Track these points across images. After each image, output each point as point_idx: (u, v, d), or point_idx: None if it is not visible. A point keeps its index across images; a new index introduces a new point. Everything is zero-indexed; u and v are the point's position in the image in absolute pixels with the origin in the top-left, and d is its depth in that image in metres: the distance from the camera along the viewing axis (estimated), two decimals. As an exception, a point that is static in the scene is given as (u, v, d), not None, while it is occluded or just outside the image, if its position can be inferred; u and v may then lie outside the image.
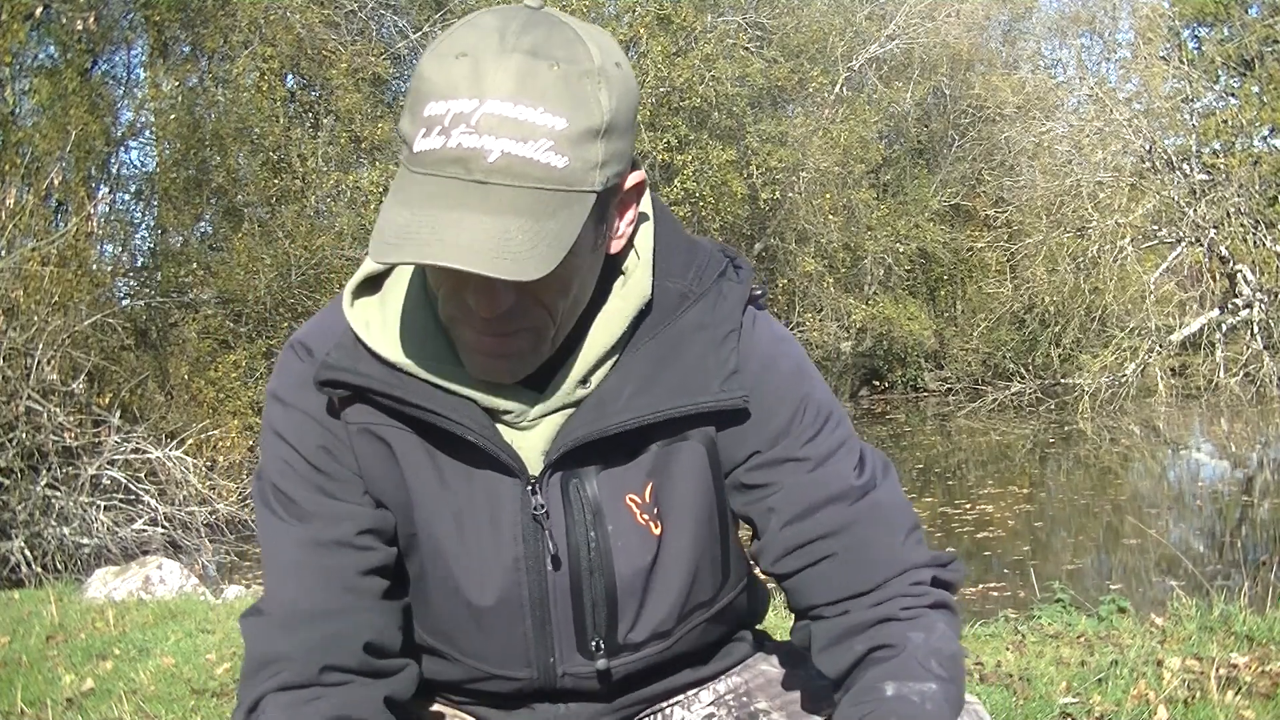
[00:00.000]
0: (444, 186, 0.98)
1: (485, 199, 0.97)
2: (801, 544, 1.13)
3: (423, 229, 0.97)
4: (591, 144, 1.00)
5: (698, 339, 1.14)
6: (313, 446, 1.15)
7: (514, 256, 0.96)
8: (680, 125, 16.86)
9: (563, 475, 1.14)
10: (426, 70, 1.00)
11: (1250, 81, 19.01)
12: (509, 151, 0.96)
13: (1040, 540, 9.01)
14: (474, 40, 0.99)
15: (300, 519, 1.15)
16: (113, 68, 14.85)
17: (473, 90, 0.97)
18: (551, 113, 0.97)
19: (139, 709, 3.42)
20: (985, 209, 20.20)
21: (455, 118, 0.97)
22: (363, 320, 1.13)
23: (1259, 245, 16.40)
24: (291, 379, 1.17)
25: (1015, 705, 2.91)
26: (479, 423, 1.11)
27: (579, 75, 1.00)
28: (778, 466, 1.14)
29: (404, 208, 0.99)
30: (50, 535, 8.64)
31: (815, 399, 1.17)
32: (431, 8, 16.72)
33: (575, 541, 1.14)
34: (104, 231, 13.09)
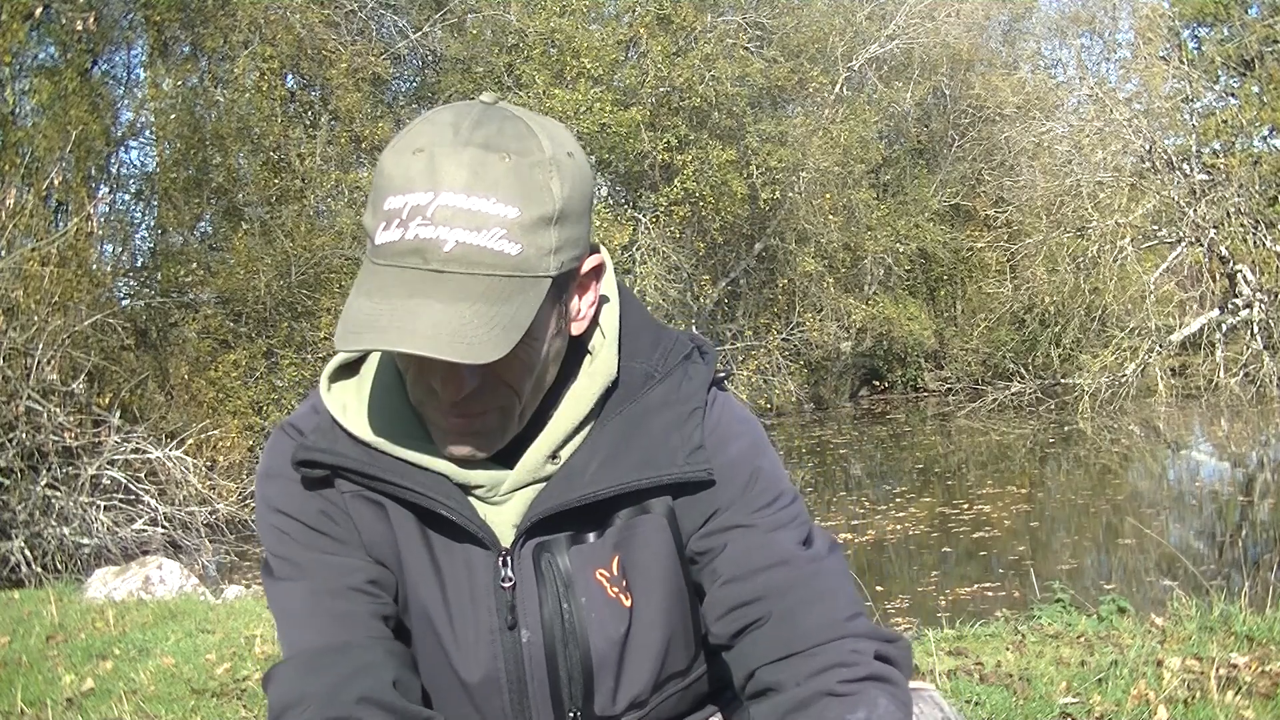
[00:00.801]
0: (403, 276, 1.02)
1: (442, 286, 1.01)
2: (741, 604, 1.13)
3: (383, 317, 1.01)
4: (544, 231, 1.04)
5: (663, 415, 1.17)
6: (311, 512, 1.17)
7: (471, 341, 1.00)
8: (680, 125, 16.86)
9: (535, 547, 1.16)
10: (386, 166, 1.04)
11: (1250, 81, 19.01)
12: (463, 241, 1.01)
13: (1040, 540, 9.01)
14: (430, 136, 1.04)
15: (307, 575, 1.16)
16: (113, 68, 14.86)
17: (428, 184, 1.01)
18: (504, 202, 1.02)
19: (139, 709, 3.42)
20: (985, 209, 20.19)
21: (412, 210, 1.01)
22: (340, 403, 1.18)
23: (1259, 245, 16.40)
24: (281, 457, 1.19)
25: (1015, 705, 2.91)
26: (452, 497, 1.14)
27: (530, 166, 1.04)
28: (725, 532, 1.16)
29: (366, 298, 1.03)
30: (50, 535, 8.64)
31: (767, 474, 1.19)
32: (432, 8, 16.73)
33: (548, 613, 1.16)
34: (104, 231, 13.09)
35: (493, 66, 16.33)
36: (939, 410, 18.89)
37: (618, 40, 17.02)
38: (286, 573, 1.17)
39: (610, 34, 16.96)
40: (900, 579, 7.77)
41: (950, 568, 8.13)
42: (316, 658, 1.12)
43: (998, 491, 10.89)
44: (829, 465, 13.91)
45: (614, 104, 15.98)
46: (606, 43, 16.55)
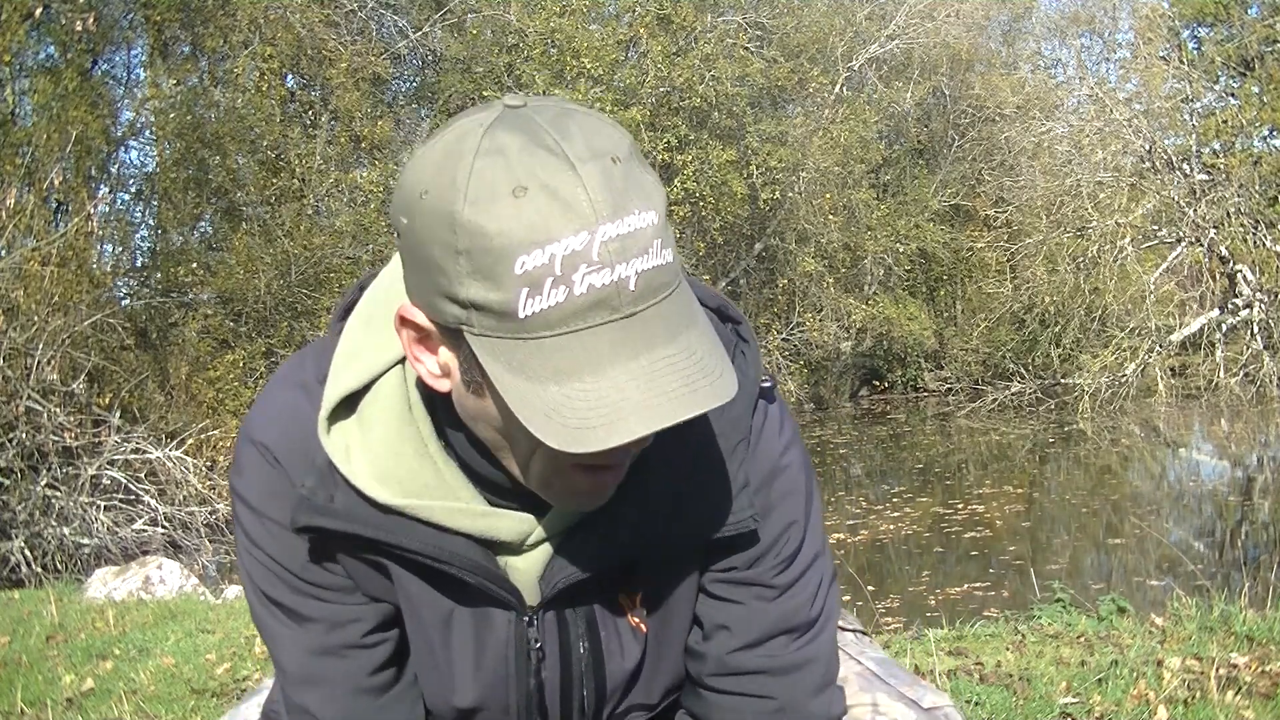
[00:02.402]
0: (600, 338, 0.86)
1: (649, 330, 0.87)
2: (743, 671, 1.13)
3: (612, 393, 0.85)
4: (668, 225, 0.92)
5: (705, 454, 1.06)
6: (298, 562, 1.08)
7: (711, 375, 0.87)
8: (680, 125, 16.86)
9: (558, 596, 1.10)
10: (485, 223, 0.84)
11: (1250, 81, 19.00)
12: (641, 270, 0.87)
13: (1040, 540, 9.01)
14: (522, 167, 0.85)
15: (300, 624, 1.11)
16: (113, 68, 14.87)
17: (571, 222, 0.84)
18: (644, 210, 0.88)
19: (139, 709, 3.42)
20: (985, 209, 20.18)
21: (568, 260, 0.84)
22: (341, 447, 1.02)
23: (1259, 245, 16.40)
24: (259, 487, 1.07)
25: (1015, 705, 2.91)
26: (472, 559, 1.04)
27: (629, 159, 0.90)
28: (745, 587, 1.12)
29: (555, 381, 0.85)
30: (50, 535, 8.64)
31: (800, 524, 1.13)
32: (431, 8, 16.73)
33: (568, 655, 1.13)
34: (104, 231, 13.08)
35: (493, 66, 16.34)
36: (939, 410, 18.89)
37: (618, 40, 17.01)
38: (279, 613, 1.11)
39: (610, 34, 16.96)
40: (894, 578, 7.77)
41: (950, 568, 8.14)
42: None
43: (998, 491, 10.90)
44: (829, 465, 13.91)
45: (614, 104, 15.97)
46: (606, 43, 16.55)
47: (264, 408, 1.09)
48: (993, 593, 6.99)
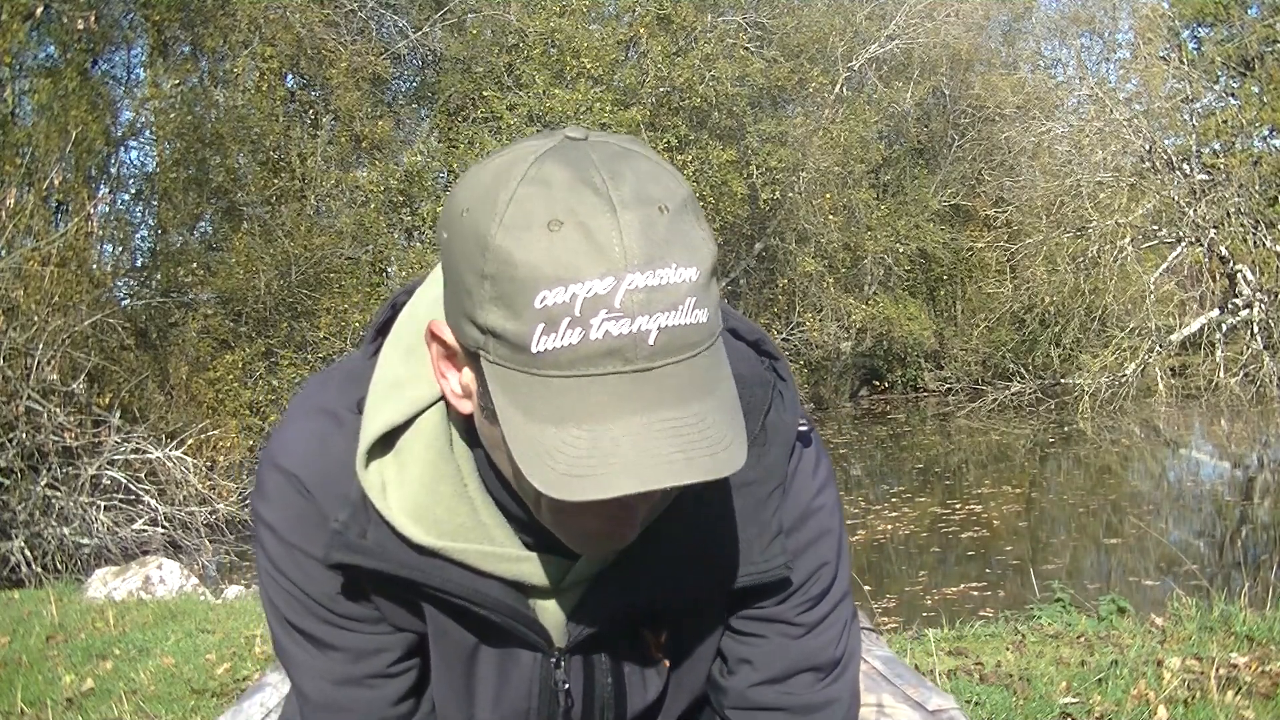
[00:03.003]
0: (606, 388, 0.83)
1: (660, 389, 0.83)
2: (765, 707, 1.13)
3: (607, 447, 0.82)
4: (713, 284, 0.87)
5: (740, 499, 1.05)
6: (324, 592, 1.07)
7: (716, 446, 0.84)
8: (680, 125, 16.85)
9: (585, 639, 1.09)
10: (514, 251, 0.82)
11: (1250, 81, 19.00)
12: (665, 326, 0.83)
13: (1040, 540, 9.01)
14: (562, 202, 0.83)
15: (323, 651, 1.10)
16: (113, 68, 14.87)
17: (601, 265, 0.81)
18: (683, 265, 0.84)
19: (139, 709, 3.42)
20: (985, 209, 20.18)
21: (589, 304, 0.81)
22: (378, 484, 1.01)
23: (1259, 245, 16.40)
24: (287, 515, 1.05)
25: (1015, 705, 2.91)
26: (504, 603, 1.03)
27: (679, 211, 0.86)
28: (770, 624, 1.11)
29: (556, 425, 0.83)
30: (50, 535, 8.64)
31: (830, 566, 1.12)
32: (431, 8, 16.73)
33: (591, 689, 1.12)
34: (104, 231, 13.08)
35: (493, 66, 16.33)
36: (939, 410, 18.89)
37: (618, 40, 17.01)
38: (301, 640, 1.10)
39: (610, 34, 16.96)
40: (892, 578, 7.77)
41: (949, 568, 8.14)
42: None
43: (998, 491, 10.90)
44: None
45: (614, 104, 15.97)
46: (606, 43, 16.55)
47: (292, 434, 1.06)
48: (989, 592, 7.00)
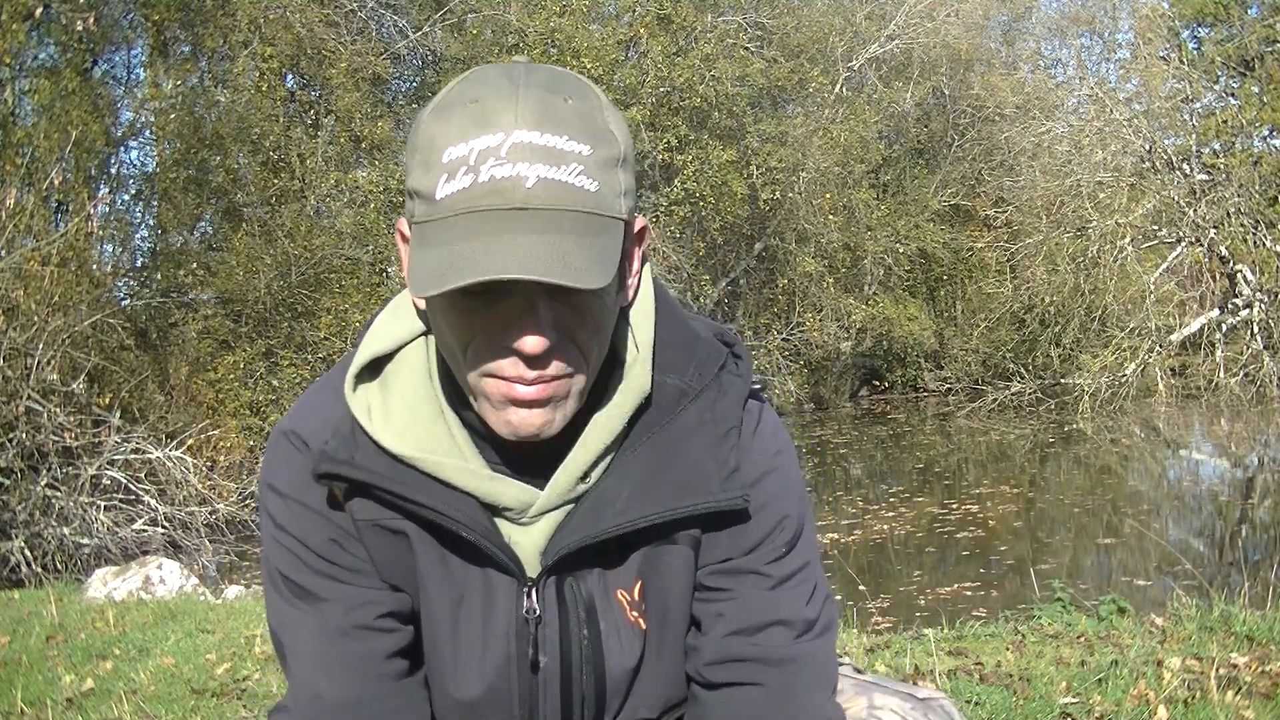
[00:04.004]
0: (483, 218, 0.96)
1: (530, 222, 0.96)
2: (739, 659, 1.14)
3: (474, 254, 0.95)
4: (614, 171, 1.01)
5: (697, 437, 1.13)
6: (321, 540, 1.13)
7: (574, 269, 0.95)
8: (680, 125, 16.85)
9: (559, 576, 1.14)
10: (433, 125, 0.99)
11: (1250, 81, 19.01)
12: (545, 176, 0.96)
13: (1040, 540, 9.01)
14: (482, 87, 1.00)
15: (316, 607, 1.14)
16: (113, 68, 14.86)
17: (495, 125, 0.97)
18: (576, 140, 0.98)
19: (139, 709, 3.42)
20: (985, 209, 20.19)
21: (481, 154, 0.96)
22: (364, 406, 1.11)
23: (1259, 245, 16.40)
24: (288, 472, 1.14)
25: (1015, 705, 2.91)
26: (478, 521, 1.10)
27: (591, 109, 1.02)
28: (740, 576, 1.15)
29: (441, 246, 0.97)
30: (50, 535, 8.64)
31: (795, 519, 1.17)
32: (431, 8, 16.73)
33: (568, 641, 1.14)
34: (104, 232, 13.08)
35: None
36: (939, 410, 18.89)
37: (618, 40, 17.01)
38: (296, 599, 1.14)
39: (610, 34, 16.96)
40: (890, 578, 7.77)
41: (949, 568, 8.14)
42: (321, 714, 1.12)
43: (998, 491, 10.89)
44: (829, 465, 13.91)
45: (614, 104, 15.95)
46: (606, 43, 16.55)
47: (297, 408, 1.17)
48: (983, 592, 7.00)
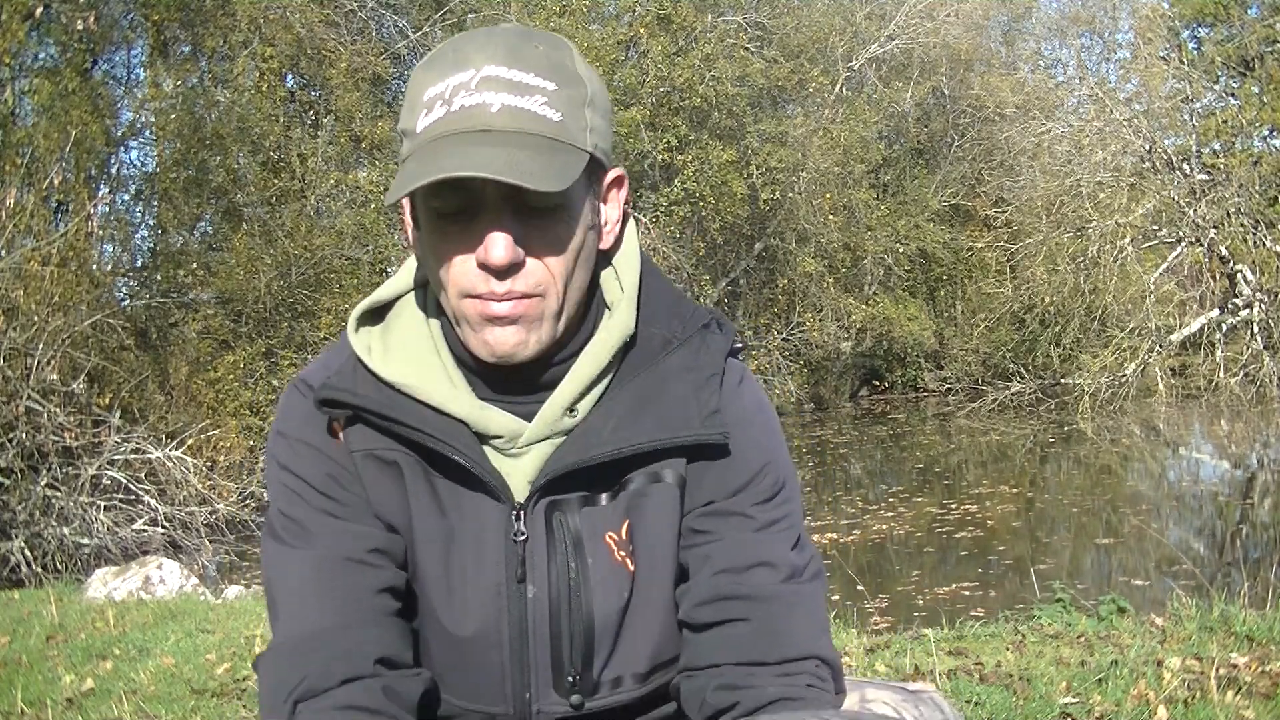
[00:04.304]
0: (452, 140, 1.07)
1: (492, 138, 1.06)
2: (725, 597, 1.15)
3: (439, 162, 1.05)
4: (580, 109, 1.11)
5: (681, 380, 1.19)
6: (319, 474, 1.19)
7: (526, 173, 1.05)
8: (680, 125, 16.85)
9: (547, 505, 1.17)
10: (419, 74, 1.12)
11: (1250, 81, 19.01)
12: (509, 104, 1.07)
13: (1039, 540, 9.01)
14: (463, 38, 1.11)
15: (308, 542, 1.17)
16: (113, 68, 14.86)
17: (468, 64, 1.08)
18: (542, 77, 1.09)
19: (139, 709, 3.43)
20: (985, 209, 20.19)
21: (455, 88, 1.08)
22: (365, 345, 1.20)
23: (1259, 245, 16.40)
24: (294, 414, 1.22)
25: (1015, 705, 2.91)
26: (469, 446, 1.15)
27: (561, 56, 1.12)
28: (725, 518, 1.18)
29: (413, 164, 1.08)
30: (50, 535, 8.64)
31: (778, 467, 1.22)
32: (431, 8, 16.73)
33: (556, 571, 1.17)
34: (104, 232, 13.07)
35: (493, 66, 16.33)
36: (939, 410, 18.89)
37: (618, 40, 17.01)
38: (291, 536, 1.18)
39: (610, 34, 16.96)
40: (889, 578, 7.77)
41: (949, 568, 8.13)
42: (305, 641, 1.13)
43: (997, 491, 10.89)
44: (829, 465, 13.91)
45: (614, 104, 15.96)
46: (606, 43, 16.55)
47: (308, 365, 1.27)
48: (981, 592, 7.00)
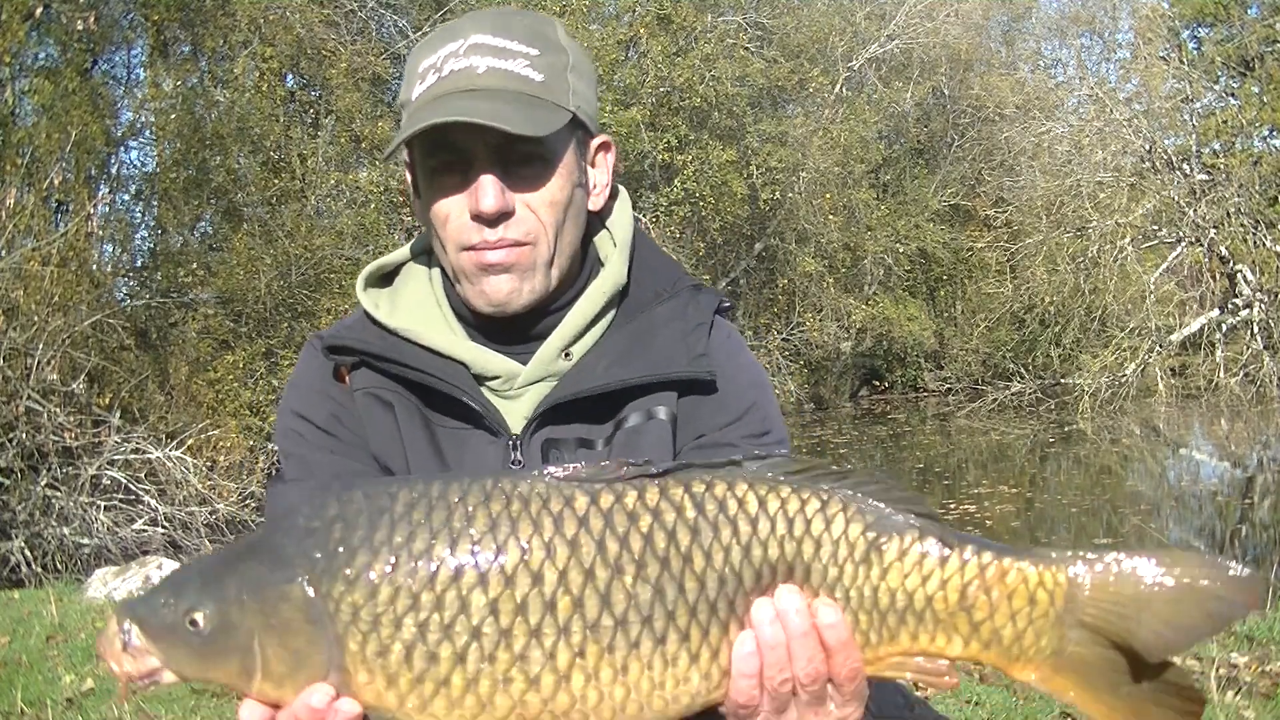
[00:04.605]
0: (442, 100, 1.18)
1: (478, 96, 1.17)
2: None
3: (431, 114, 1.16)
4: (562, 74, 1.21)
5: (670, 327, 1.29)
6: (323, 414, 1.30)
7: (508, 121, 1.15)
8: (680, 125, 16.85)
9: (544, 442, 1.25)
10: (416, 52, 1.24)
11: (1250, 81, 19.01)
12: (494, 66, 1.18)
13: (1039, 540, 9.01)
14: (453, 20, 1.25)
15: (308, 474, 1.27)
16: (113, 68, 14.87)
17: (458, 35, 1.20)
18: (525, 44, 1.20)
19: (139, 709, 3.42)
20: (985, 209, 20.19)
21: (445, 57, 1.20)
22: (372, 302, 1.33)
23: (1259, 245, 16.40)
24: (304, 366, 1.35)
25: (1015, 705, 2.91)
26: (468, 384, 1.25)
27: (547, 29, 1.23)
28: (716, 449, 1.26)
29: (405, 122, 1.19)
30: (50, 535, 8.63)
31: (764, 407, 1.31)
32: (431, 7, 16.72)
33: None
34: (104, 232, 13.07)
35: (493, 66, 16.33)
36: (939, 410, 18.89)
37: (618, 40, 17.01)
38: (293, 472, 1.28)
39: (610, 34, 16.95)
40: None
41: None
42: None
43: (996, 491, 10.89)
44: (829, 465, 13.89)
45: (614, 104, 15.97)
46: (606, 43, 16.54)
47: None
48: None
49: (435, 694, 1.03)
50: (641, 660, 1.05)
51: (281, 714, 1.01)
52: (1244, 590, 1.07)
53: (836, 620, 1.05)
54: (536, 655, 1.03)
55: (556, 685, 1.05)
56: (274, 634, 1.02)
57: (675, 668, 1.06)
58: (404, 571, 1.03)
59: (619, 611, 1.04)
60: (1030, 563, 1.10)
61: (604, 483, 1.07)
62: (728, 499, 1.09)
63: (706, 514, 1.08)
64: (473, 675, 1.03)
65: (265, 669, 1.02)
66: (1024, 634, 1.09)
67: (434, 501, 1.05)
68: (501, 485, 1.06)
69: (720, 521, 1.08)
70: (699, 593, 1.06)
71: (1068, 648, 1.09)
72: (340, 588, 1.03)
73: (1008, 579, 1.09)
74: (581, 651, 1.04)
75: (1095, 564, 1.09)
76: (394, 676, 1.03)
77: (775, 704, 1.05)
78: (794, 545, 1.09)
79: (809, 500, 1.10)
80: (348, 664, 1.02)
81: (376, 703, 1.04)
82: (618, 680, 1.05)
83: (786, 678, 1.05)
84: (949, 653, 1.10)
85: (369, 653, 1.01)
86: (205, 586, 1.04)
